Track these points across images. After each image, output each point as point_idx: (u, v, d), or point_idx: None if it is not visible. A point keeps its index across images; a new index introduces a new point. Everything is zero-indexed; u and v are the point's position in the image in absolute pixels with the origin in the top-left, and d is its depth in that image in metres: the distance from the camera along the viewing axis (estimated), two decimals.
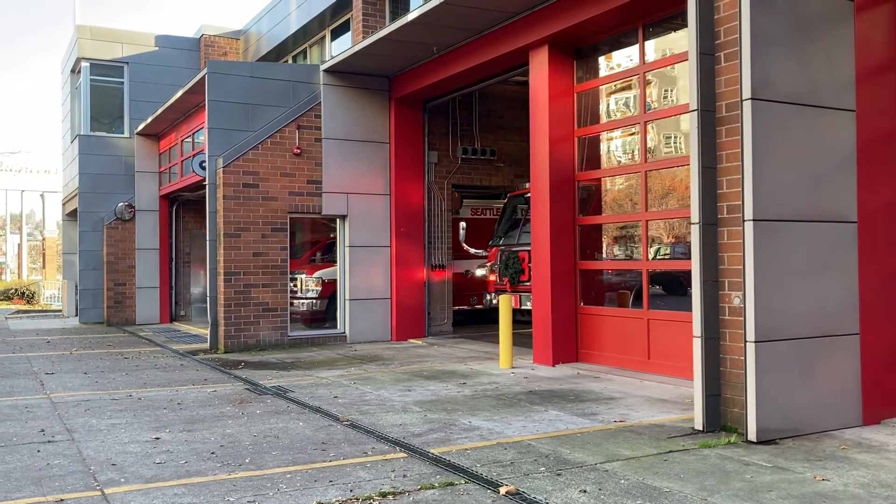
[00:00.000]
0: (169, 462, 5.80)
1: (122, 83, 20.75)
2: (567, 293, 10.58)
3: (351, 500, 4.83)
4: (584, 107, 10.75)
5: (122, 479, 5.35)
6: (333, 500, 4.84)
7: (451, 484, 5.14)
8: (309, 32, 18.42)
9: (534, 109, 10.86)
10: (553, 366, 10.39)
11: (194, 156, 16.38)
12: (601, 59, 10.74)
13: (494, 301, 13.16)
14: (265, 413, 7.69)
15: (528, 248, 12.06)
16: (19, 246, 59.67)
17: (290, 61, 19.86)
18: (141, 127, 19.19)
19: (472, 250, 14.25)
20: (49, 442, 6.51)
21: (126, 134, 20.50)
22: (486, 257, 14.02)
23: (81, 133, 20.52)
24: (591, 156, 10.81)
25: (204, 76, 13.68)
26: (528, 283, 12.10)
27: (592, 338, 10.47)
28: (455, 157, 15.14)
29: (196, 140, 16.78)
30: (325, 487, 5.10)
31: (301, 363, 11.44)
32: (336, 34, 17.67)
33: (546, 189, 10.58)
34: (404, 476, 5.35)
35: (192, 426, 7.09)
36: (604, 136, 10.75)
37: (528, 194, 13.35)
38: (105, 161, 20.16)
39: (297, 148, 13.62)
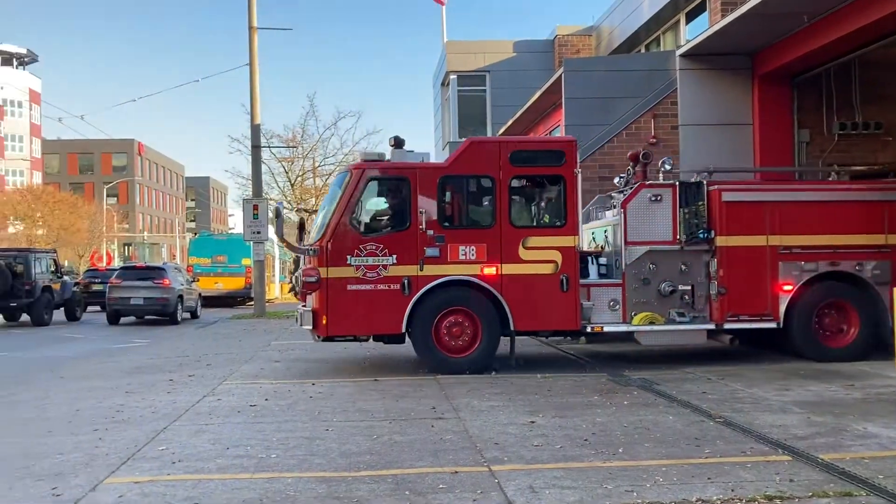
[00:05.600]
0: (545, 445, 6.07)
1: (485, 91, 22.34)
2: None
3: (733, 499, 4.61)
4: None
5: (505, 458, 5.73)
6: (714, 497, 4.66)
7: (849, 494, 4.64)
8: (661, 19, 18.04)
9: None
10: None
11: None
12: None
13: (299, 313, 10.11)
14: (632, 404, 7.68)
15: (312, 251, 9.63)
16: None
17: (642, 51, 19.65)
18: (502, 130, 20.46)
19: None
20: (439, 419, 7.21)
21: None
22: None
23: (451, 140, 22.51)
24: None
25: (560, 75, 14.13)
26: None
27: None
28: (831, 134, 13.67)
29: None
30: (703, 484, 4.93)
31: (661, 356, 11.23)
32: (690, 17, 17.06)
33: None
34: (791, 480, 4.96)
35: (564, 413, 7.34)
36: None
37: (338, 176, 10.57)
38: None
39: (654, 137, 13.43)
